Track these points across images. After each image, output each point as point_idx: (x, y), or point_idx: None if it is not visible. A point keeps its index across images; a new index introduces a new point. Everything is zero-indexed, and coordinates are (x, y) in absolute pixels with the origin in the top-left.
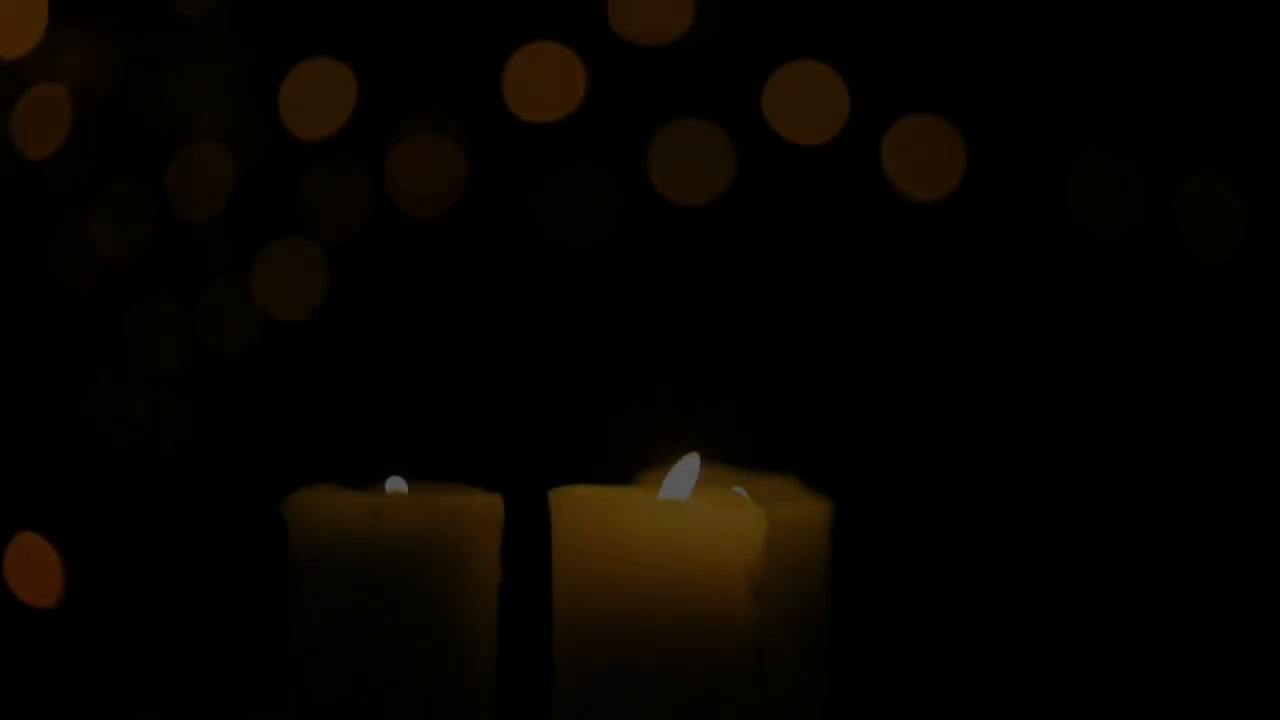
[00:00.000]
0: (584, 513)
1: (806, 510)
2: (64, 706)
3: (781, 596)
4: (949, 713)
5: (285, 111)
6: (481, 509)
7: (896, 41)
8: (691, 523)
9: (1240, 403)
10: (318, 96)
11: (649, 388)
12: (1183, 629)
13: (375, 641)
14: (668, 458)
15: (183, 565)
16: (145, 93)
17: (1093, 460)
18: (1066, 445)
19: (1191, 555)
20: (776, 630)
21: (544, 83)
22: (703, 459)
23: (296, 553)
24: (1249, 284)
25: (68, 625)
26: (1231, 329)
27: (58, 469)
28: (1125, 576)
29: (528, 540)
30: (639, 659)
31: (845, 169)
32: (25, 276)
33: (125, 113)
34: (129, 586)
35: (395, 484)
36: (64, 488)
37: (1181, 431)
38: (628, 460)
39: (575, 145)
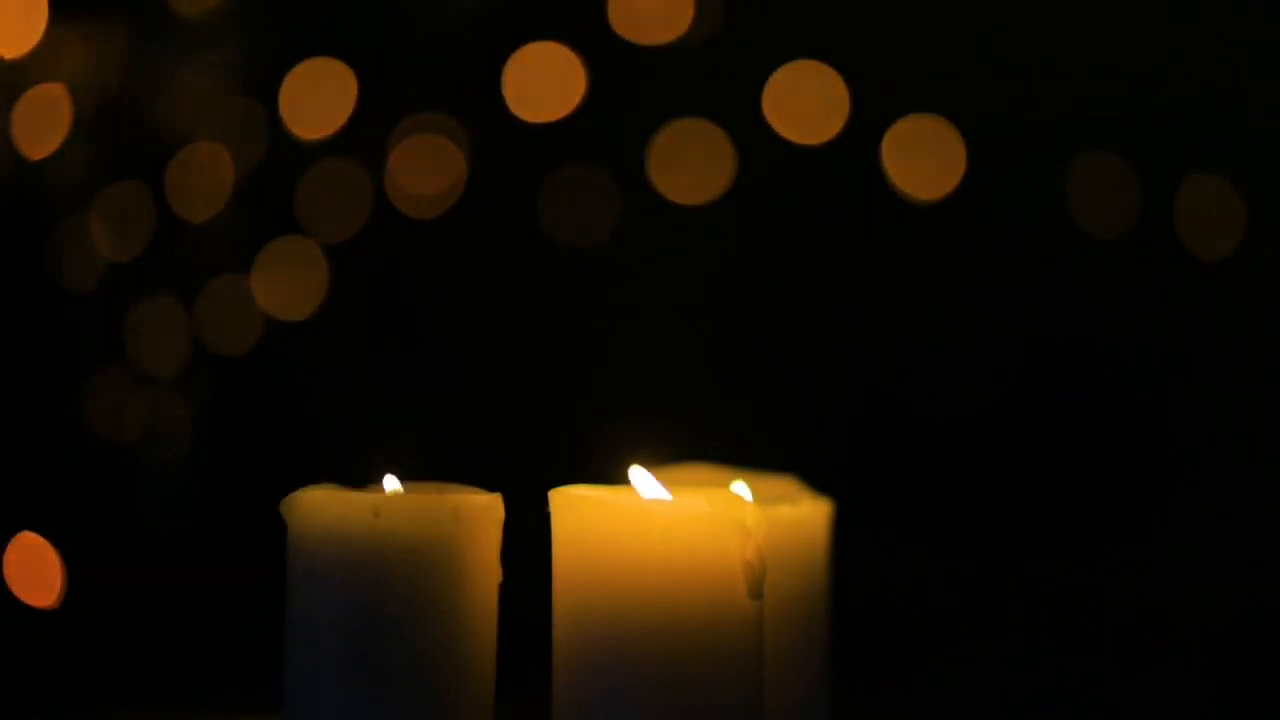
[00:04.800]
0: (583, 512)
1: (806, 510)
2: (64, 706)
3: (781, 596)
4: (948, 711)
5: (285, 111)
6: (481, 509)
7: (896, 41)
8: (691, 522)
9: (1239, 401)
10: (318, 96)
11: (649, 387)
12: (1189, 630)
13: (375, 641)
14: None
15: (183, 565)
16: (145, 93)
17: (1092, 460)
18: (1066, 444)
19: (1195, 555)
20: (776, 630)
21: (544, 83)
22: (702, 459)
23: (296, 553)
24: (1249, 284)
25: (68, 625)
26: (1231, 329)
27: (58, 469)
28: (1123, 576)
29: (528, 540)
30: (639, 658)
31: (845, 169)
32: (25, 276)
33: (125, 113)
34: (129, 586)
35: (392, 484)
36: (64, 488)
37: (1180, 430)
38: (627, 460)
39: (575, 145)
